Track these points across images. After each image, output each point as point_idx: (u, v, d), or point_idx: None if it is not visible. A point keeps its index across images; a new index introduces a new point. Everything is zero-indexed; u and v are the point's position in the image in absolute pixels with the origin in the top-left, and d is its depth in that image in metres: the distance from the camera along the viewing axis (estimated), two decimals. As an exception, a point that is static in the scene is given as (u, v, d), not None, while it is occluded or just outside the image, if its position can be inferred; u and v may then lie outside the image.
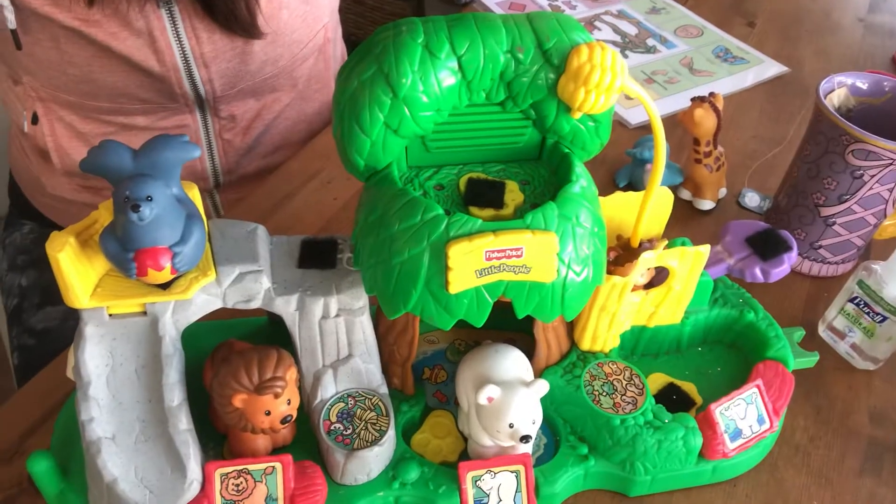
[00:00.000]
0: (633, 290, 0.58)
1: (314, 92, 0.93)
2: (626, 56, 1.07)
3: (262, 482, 0.50)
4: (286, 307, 0.53)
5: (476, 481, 0.52)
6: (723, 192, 0.84)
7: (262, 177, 0.92)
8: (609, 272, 0.56)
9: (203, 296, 0.51)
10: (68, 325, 0.88)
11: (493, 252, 0.46)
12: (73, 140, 0.82)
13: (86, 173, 0.45)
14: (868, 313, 0.65)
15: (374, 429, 0.54)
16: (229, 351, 0.54)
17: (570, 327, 0.61)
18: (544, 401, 0.54)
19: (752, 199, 0.80)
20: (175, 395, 0.50)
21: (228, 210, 0.92)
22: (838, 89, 0.69)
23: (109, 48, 0.74)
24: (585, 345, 0.61)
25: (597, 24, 1.14)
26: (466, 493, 0.52)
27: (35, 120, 0.82)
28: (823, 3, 1.23)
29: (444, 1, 1.69)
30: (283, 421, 0.50)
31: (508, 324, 0.61)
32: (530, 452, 0.55)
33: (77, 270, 0.47)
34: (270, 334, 0.63)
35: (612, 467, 0.56)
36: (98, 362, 0.50)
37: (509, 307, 0.49)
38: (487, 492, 0.52)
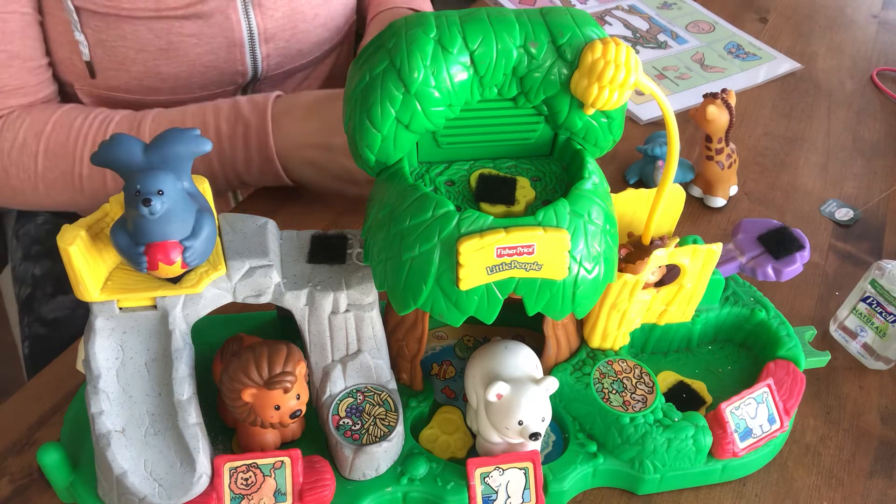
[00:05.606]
0: (643, 287, 0.58)
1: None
2: (636, 51, 1.07)
3: (270, 476, 0.50)
4: (296, 302, 0.53)
5: (484, 478, 0.52)
6: (734, 189, 0.83)
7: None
8: (620, 270, 0.56)
9: (213, 290, 0.51)
10: (78, 313, 0.88)
11: (504, 249, 0.46)
12: None
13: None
14: (881, 313, 0.65)
15: (382, 424, 0.54)
16: (239, 345, 0.54)
17: (580, 324, 0.61)
18: (553, 398, 0.54)
19: (843, 213, 0.69)
20: (185, 388, 0.50)
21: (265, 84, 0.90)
22: None
23: (180, 34, 0.73)
24: (595, 342, 0.61)
25: (607, 18, 1.13)
26: (475, 489, 0.52)
27: None
28: (837, -1, 1.22)
29: (454, -5, 1.68)
30: (293, 416, 0.50)
31: (518, 320, 0.61)
32: (539, 450, 0.55)
33: (88, 264, 0.47)
34: (280, 329, 0.63)
35: (620, 465, 0.56)
36: (108, 355, 0.50)
37: (519, 304, 0.49)
38: (496, 488, 0.52)
